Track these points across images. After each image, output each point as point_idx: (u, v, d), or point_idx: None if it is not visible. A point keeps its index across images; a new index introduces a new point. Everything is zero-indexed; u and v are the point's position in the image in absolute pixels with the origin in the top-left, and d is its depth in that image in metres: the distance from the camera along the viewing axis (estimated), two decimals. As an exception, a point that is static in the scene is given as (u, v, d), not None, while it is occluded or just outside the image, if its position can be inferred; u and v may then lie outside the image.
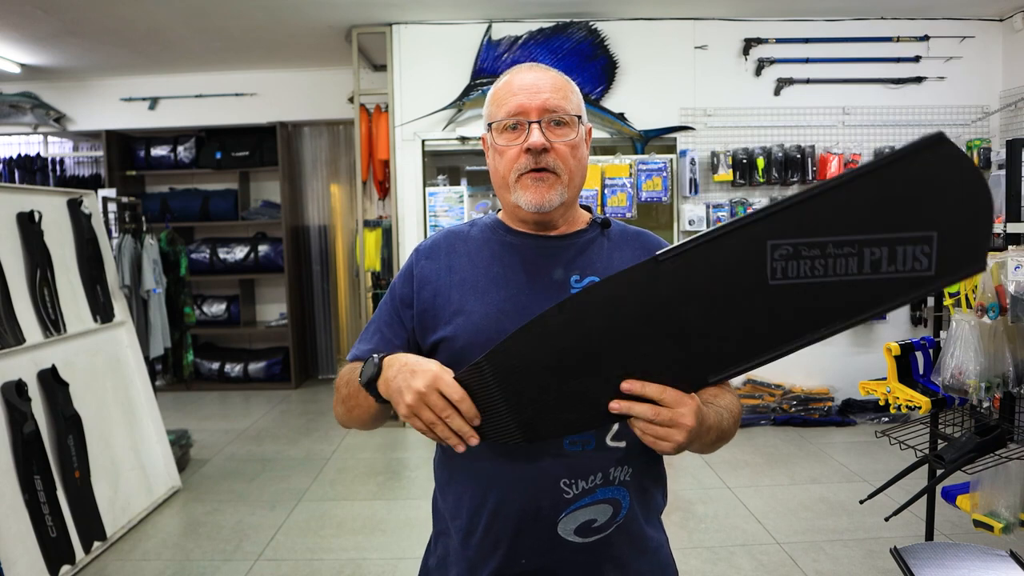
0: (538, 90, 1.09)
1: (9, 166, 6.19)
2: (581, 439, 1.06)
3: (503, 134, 1.10)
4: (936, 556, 1.47)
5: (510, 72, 1.15)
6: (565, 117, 1.09)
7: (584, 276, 1.12)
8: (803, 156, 4.72)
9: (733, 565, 2.89)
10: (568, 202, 1.13)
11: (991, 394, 2.54)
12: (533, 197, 1.09)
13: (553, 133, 1.08)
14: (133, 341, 3.76)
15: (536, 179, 1.08)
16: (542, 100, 1.08)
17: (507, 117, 1.09)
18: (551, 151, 1.08)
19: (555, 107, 1.08)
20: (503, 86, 1.13)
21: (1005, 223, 2.75)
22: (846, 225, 0.76)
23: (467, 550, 1.12)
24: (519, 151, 1.08)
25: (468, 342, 1.09)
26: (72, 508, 2.93)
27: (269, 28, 4.90)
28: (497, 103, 1.12)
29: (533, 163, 1.08)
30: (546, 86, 1.09)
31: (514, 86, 1.11)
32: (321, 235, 6.54)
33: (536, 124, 1.07)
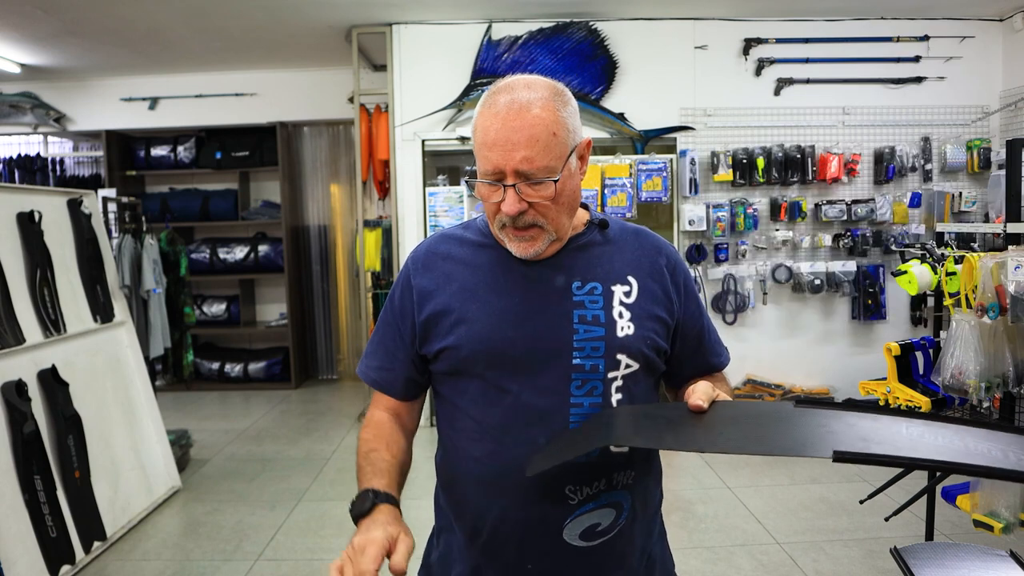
0: (513, 146, 1.00)
1: (9, 166, 6.20)
2: None
3: (483, 185, 1.06)
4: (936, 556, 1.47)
5: (492, 98, 1.05)
6: (541, 177, 1.02)
7: (586, 282, 1.11)
8: (803, 156, 4.72)
9: (733, 565, 2.89)
10: (559, 237, 1.11)
11: (991, 394, 2.54)
12: (518, 249, 1.08)
13: (532, 191, 1.03)
14: (133, 341, 3.76)
15: (519, 237, 1.07)
16: (517, 161, 1.00)
17: (484, 175, 1.04)
18: (530, 210, 1.04)
19: (531, 168, 1.01)
20: (482, 128, 1.04)
21: (1005, 223, 2.75)
22: None
23: (472, 551, 1.12)
24: (498, 206, 1.05)
25: (471, 351, 1.09)
26: (72, 508, 2.93)
27: (269, 28, 4.90)
28: (477, 148, 1.05)
29: (511, 223, 1.06)
30: (522, 140, 1.00)
31: (490, 136, 1.02)
32: (321, 235, 6.54)
33: (512, 187, 1.02)
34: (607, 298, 1.10)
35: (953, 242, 3.15)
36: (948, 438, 0.85)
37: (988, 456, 0.81)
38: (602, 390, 1.07)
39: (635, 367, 1.09)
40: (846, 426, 0.88)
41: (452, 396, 1.14)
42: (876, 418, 0.91)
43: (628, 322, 1.09)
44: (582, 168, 1.10)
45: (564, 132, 1.03)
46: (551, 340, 1.07)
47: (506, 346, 1.07)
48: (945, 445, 0.83)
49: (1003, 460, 0.80)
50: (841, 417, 0.91)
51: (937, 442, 0.84)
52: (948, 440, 0.84)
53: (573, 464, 1.05)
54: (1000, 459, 0.80)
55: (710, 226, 4.72)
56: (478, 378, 1.09)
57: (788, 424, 0.91)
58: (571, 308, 1.09)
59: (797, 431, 0.89)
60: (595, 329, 1.08)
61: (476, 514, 1.11)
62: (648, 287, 1.14)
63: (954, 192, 4.74)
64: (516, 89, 1.03)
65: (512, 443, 1.07)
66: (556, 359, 1.07)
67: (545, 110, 1.01)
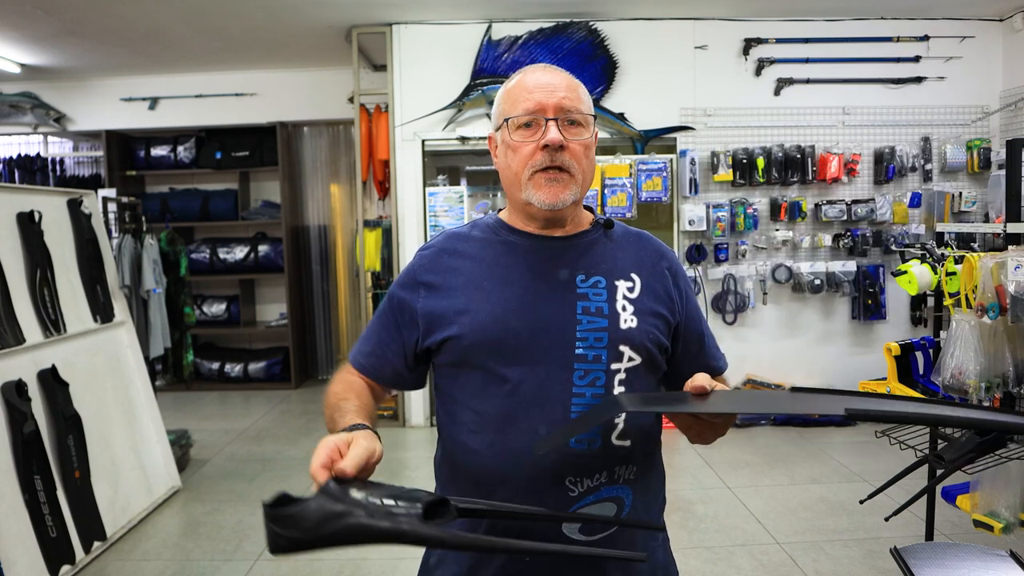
0: (554, 88, 1.10)
1: (9, 166, 6.20)
2: (588, 437, 1.06)
3: (518, 131, 1.11)
4: (936, 556, 1.47)
5: (522, 72, 1.15)
6: (579, 117, 1.10)
7: (589, 276, 1.12)
8: (803, 156, 4.72)
9: (733, 565, 2.89)
10: (578, 201, 1.14)
11: (991, 394, 2.54)
12: (546, 196, 1.10)
13: (568, 132, 1.09)
14: (133, 341, 3.76)
15: (550, 179, 1.09)
16: (558, 99, 1.09)
17: (524, 114, 1.10)
18: (566, 149, 1.09)
19: (571, 106, 1.09)
20: (516, 85, 1.13)
21: (1005, 223, 2.75)
22: None
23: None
24: (535, 148, 1.09)
25: (474, 341, 1.09)
26: (72, 508, 2.93)
27: (269, 28, 4.90)
28: (512, 101, 1.12)
29: (549, 160, 1.08)
30: (561, 86, 1.10)
31: (529, 85, 1.11)
32: (321, 235, 6.54)
33: (553, 121, 1.08)
34: (611, 292, 1.12)
35: (953, 242, 3.15)
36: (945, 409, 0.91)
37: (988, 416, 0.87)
38: (604, 381, 1.08)
39: (638, 360, 1.10)
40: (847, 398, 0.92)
41: (453, 390, 1.14)
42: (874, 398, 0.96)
43: (631, 315, 1.11)
44: (594, 151, 1.18)
45: (590, 102, 1.15)
46: (554, 330, 1.08)
47: (509, 335, 1.08)
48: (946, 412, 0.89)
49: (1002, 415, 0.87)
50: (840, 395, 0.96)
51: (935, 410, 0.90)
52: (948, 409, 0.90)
53: (574, 456, 1.05)
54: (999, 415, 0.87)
55: (710, 226, 4.72)
56: (480, 368, 1.09)
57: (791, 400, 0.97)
58: (575, 299, 1.10)
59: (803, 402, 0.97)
60: (598, 320, 1.09)
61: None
62: (651, 285, 1.15)
63: (954, 192, 4.74)
64: (543, 66, 1.16)
65: (513, 433, 1.07)
66: (559, 349, 1.08)
67: (573, 78, 1.15)
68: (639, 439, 1.10)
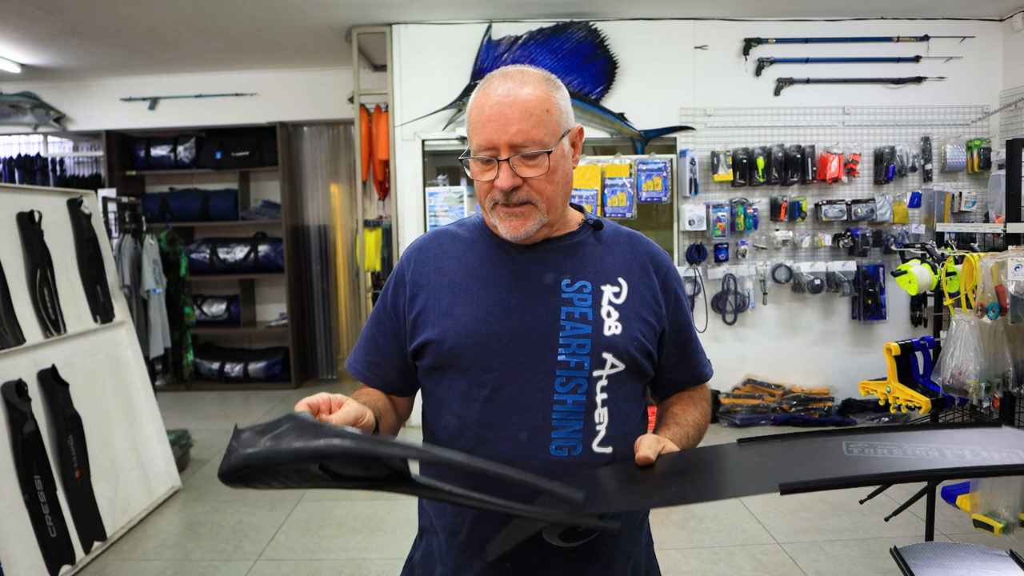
0: (507, 121, 1.02)
1: (9, 166, 6.20)
2: (568, 444, 1.05)
3: (476, 163, 1.07)
4: (936, 556, 1.47)
5: (486, 84, 1.08)
6: (536, 151, 1.04)
7: (575, 280, 1.11)
8: (803, 156, 4.72)
9: (733, 565, 2.89)
10: (551, 221, 1.11)
11: (991, 394, 2.54)
12: (508, 229, 1.08)
13: (525, 166, 1.04)
14: (133, 341, 3.76)
15: (510, 214, 1.07)
16: (511, 135, 1.02)
17: (478, 150, 1.05)
18: (523, 186, 1.05)
19: (525, 141, 1.03)
20: (475, 107, 1.07)
21: (1005, 223, 2.75)
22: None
23: (452, 550, 1.12)
24: (491, 184, 1.06)
25: (455, 344, 1.08)
26: (72, 508, 2.93)
27: (269, 28, 4.90)
28: (471, 127, 1.07)
29: (504, 200, 1.06)
30: (516, 115, 1.02)
31: (484, 113, 1.04)
32: (321, 235, 6.54)
33: (506, 162, 1.03)
34: (596, 297, 1.10)
35: (953, 242, 3.15)
36: (889, 448, 0.86)
37: (928, 460, 0.81)
38: (587, 388, 1.07)
39: (620, 367, 1.09)
40: (791, 456, 0.89)
41: (437, 392, 1.14)
42: (819, 441, 0.92)
43: (616, 322, 1.09)
44: (575, 155, 1.12)
45: (557, 111, 1.06)
46: (537, 335, 1.07)
47: (491, 340, 1.07)
48: (885, 457, 0.84)
49: (941, 460, 0.81)
50: (785, 446, 0.92)
51: (877, 454, 0.85)
52: (888, 450, 0.85)
53: (555, 463, 1.04)
54: (938, 459, 0.81)
55: (710, 226, 4.72)
56: (462, 372, 1.09)
57: (734, 465, 0.91)
58: (559, 304, 1.09)
59: (744, 470, 0.90)
60: (582, 326, 1.08)
61: (455, 512, 1.11)
62: (638, 290, 1.14)
63: (954, 192, 4.74)
64: (510, 75, 1.07)
65: (494, 439, 1.06)
66: (541, 355, 1.07)
67: (538, 90, 1.05)
68: (621, 445, 1.08)
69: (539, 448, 1.05)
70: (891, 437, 0.88)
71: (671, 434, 1.09)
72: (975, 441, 0.85)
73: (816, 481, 0.80)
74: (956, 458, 0.80)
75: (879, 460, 0.83)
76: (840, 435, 0.91)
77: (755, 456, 0.92)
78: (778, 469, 0.87)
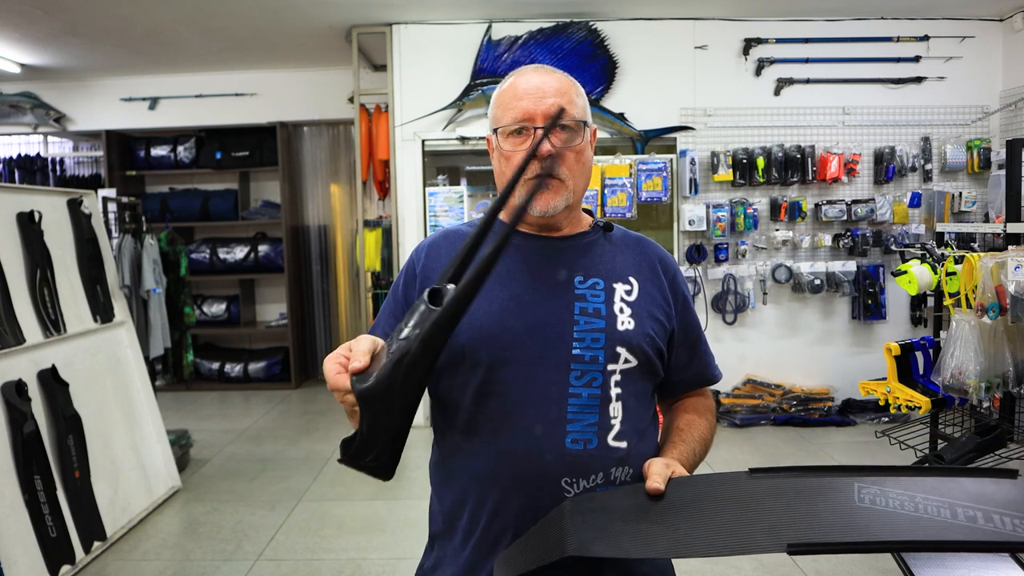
0: (543, 95, 1.08)
1: (9, 166, 6.20)
2: (583, 438, 1.06)
3: (508, 139, 1.10)
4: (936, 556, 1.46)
5: (515, 74, 1.14)
6: (570, 123, 1.08)
7: (588, 277, 1.12)
8: (803, 156, 4.72)
9: (733, 565, 2.89)
10: (572, 205, 1.13)
11: (991, 394, 2.54)
12: (537, 203, 1.09)
13: (559, 139, 1.08)
14: (133, 341, 3.76)
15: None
16: (547, 105, 1.07)
17: (513, 122, 1.08)
18: (557, 158, 1.08)
19: (560, 113, 1.07)
20: (508, 89, 1.12)
21: (1005, 223, 2.75)
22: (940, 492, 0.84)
23: (466, 550, 1.12)
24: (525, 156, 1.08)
25: (470, 339, 1.09)
26: (72, 508, 2.93)
27: (269, 28, 4.91)
28: (502, 107, 1.11)
29: (540, 169, 1.07)
30: (551, 90, 1.08)
31: (519, 90, 1.09)
32: (321, 235, 6.54)
33: (542, 130, 1.06)
34: (608, 294, 1.12)
35: (953, 242, 3.15)
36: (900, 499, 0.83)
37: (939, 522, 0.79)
38: (601, 382, 1.07)
39: (633, 363, 1.10)
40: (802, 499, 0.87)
41: (449, 389, 1.13)
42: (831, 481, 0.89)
43: (628, 318, 1.11)
44: (591, 151, 1.16)
45: (583, 101, 1.12)
46: (551, 330, 1.08)
47: (505, 334, 1.08)
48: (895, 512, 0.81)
49: (951, 524, 0.78)
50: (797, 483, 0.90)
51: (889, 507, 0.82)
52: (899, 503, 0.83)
53: (570, 456, 1.05)
54: (949, 520, 0.78)
55: (710, 226, 4.72)
56: (476, 367, 1.09)
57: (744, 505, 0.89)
58: (572, 300, 1.10)
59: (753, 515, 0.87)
60: (596, 321, 1.09)
61: (470, 510, 1.11)
62: (648, 290, 1.15)
63: (954, 192, 4.74)
64: (535, 68, 1.14)
65: (508, 434, 1.06)
66: (555, 349, 1.07)
67: (567, 78, 1.13)
68: (635, 440, 1.09)
69: (555, 441, 1.05)
70: (904, 483, 0.86)
71: (679, 453, 1.09)
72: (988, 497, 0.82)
73: (824, 544, 0.79)
74: (967, 521, 0.78)
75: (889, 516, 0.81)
76: (853, 474, 0.89)
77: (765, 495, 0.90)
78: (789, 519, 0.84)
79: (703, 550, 0.86)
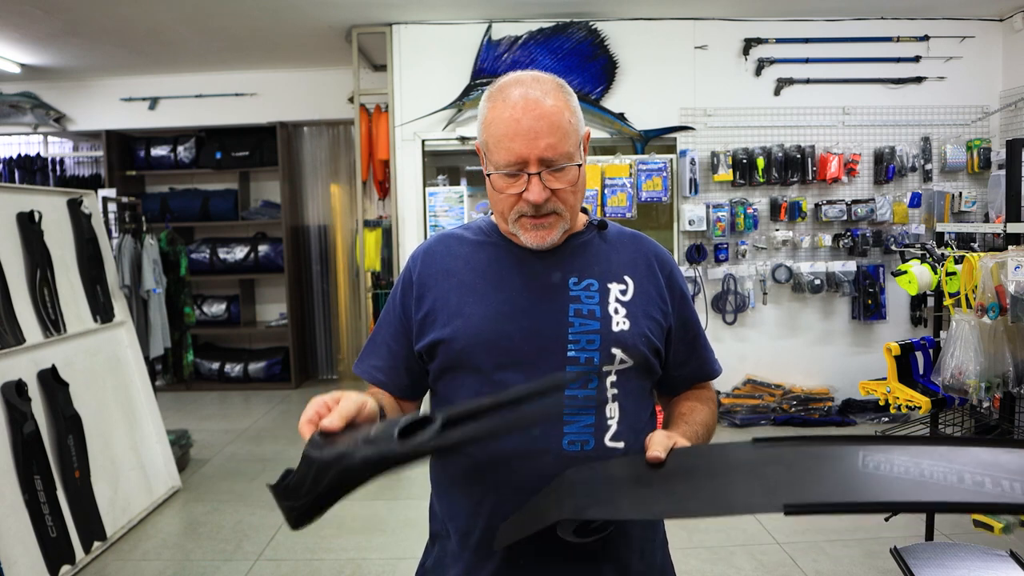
0: (536, 135, 1.02)
1: (9, 166, 6.20)
2: (580, 439, 1.06)
3: (500, 177, 1.07)
4: (936, 556, 1.47)
5: (503, 93, 1.06)
6: (564, 164, 1.05)
7: (582, 278, 1.12)
8: (803, 156, 4.72)
9: (733, 565, 2.89)
10: (572, 226, 1.13)
11: (991, 394, 2.54)
12: (533, 239, 1.09)
13: (553, 178, 1.05)
14: (133, 341, 3.76)
15: (537, 225, 1.08)
16: (541, 149, 1.02)
17: (506, 166, 1.05)
18: (551, 198, 1.06)
19: (555, 156, 1.03)
20: (499, 121, 1.05)
21: (1005, 223, 2.75)
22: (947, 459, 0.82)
23: (465, 551, 1.12)
24: (518, 197, 1.06)
25: (467, 344, 1.09)
26: (72, 508, 2.93)
27: (269, 28, 4.91)
28: (494, 141, 1.05)
29: (533, 212, 1.06)
30: (544, 128, 1.02)
31: (510, 129, 1.03)
32: (321, 235, 6.54)
33: (536, 176, 1.04)
34: (603, 295, 1.11)
35: (953, 242, 3.15)
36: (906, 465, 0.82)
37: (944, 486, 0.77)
38: (597, 383, 1.08)
39: (629, 363, 1.10)
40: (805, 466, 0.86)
41: (447, 392, 1.14)
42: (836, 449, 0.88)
43: (624, 318, 1.10)
44: (585, 161, 1.14)
45: (575, 120, 1.08)
46: (546, 333, 1.08)
47: (501, 339, 1.08)
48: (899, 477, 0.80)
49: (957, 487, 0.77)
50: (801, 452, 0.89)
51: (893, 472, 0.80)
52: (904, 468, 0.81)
53: (568, 458, 1.05)
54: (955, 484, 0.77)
55: (710, 226, 4.72)
56: (473, 372, 1.09)
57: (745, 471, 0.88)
58: (567, 302, 1.10)
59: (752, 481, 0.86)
60: (590, 323, 1.09)
61: (469, 512, 1.11)
62: (644, 288, 1.15)
63: (954, 192, 4.74)
64: (526, 83, 1.06)
65: (505, 437, 1.06)
66: (551, 352, 1.07)
67: (558, 100, 1.05)
68: (633, 440, 1.09)
69: (552, 443, 1.05)
70: (911, 451, 0.84)
71: (681, 431, 1.09)
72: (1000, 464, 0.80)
73: (821, 504, 0.78)
74: (974, 486, 0.76)
75: (892, 481, 0.79)
76: (859, 443, 0.87)
77: (767, 462, 0.88)
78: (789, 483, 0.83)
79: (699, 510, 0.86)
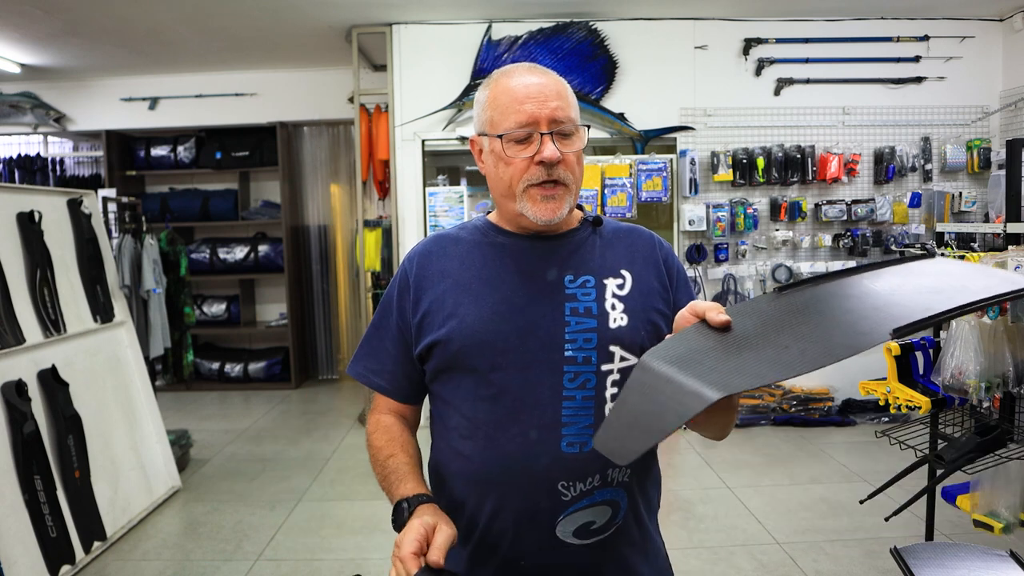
0: (546, 98, 1.06)
1: (9, 166, 6.20)
2: (579, 441, 1.05)
3: (510, 144, 1.07)
4: (936, 556, 1.46)
5: (506, 74, 1.11)
6: (572, 127, 1.07)
7: (578, 276, 1.11)
8: (803, 156, 4.72)
9: (733, 565, 2.89)
10: (573, 206, 1.13)
11: (991, 394, 2.54)
12: (542, 212, 1.08)
13: (562, 143, 1.06)
14: (133, 341, 3.76)
15: (546, 196, 1.07)
16: (551, 110, 1.06)
17: (517, 127, 1.06)
18: (562, 162, 1.07)
19: (564, 117, 1.06)
20: (506, 92, 1.08)
21: (1005, 223, 2.75)
22: None
23: (466, 551, 1.12)
24: (529, 162, 1.06)
25: (463, 345, 1.08)
26: (72, 508, 2.93)
27: (269, 28, 4.90)
28: (501, 111, 1.08)
29: (546, 175, 1.06)
30: (551, 93, 1.07)
31: (519, 93, 1.07)
32: (321, 235, 6.54)
33: (548, 135, 1.05)
34: (600, 291, 1.10)
35: (953, 242, 3.15)
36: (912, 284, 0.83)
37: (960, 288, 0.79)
38: (595, 383, 1.06)
39: (631, 360, 1.08)
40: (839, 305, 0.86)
41: (444, 394, 1.13)
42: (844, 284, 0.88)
43: (621, 314, 1.09)
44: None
45: (576, 103, 1.13)
46: (543, 332, 1.07)
47: (497, 339, 1.07)
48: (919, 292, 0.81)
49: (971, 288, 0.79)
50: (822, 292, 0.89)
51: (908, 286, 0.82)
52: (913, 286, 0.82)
53: (566, 459, 1.04)
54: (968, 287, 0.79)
55: (710, 226, 4.72)
56: (470, 373, 1.09)
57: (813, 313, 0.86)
58: (563, 300, 1.09)
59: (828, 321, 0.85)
60: (587, 321, 1.08)
61: (468, 513, 1.11)
62: (643, 279, 1.14)
63: (954, 192, 4.74)
64: (525, 66, 1.13)
65: (504, 438, 1.06)
66: (548, 352, 1.07)
67: (560, 78, 1.13)
68: None
69: (550, 445, 1.05)
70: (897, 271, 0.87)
71: None
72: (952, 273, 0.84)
73: (921, 321, 0.78)
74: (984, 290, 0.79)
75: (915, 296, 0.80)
76: (856, 273, 0.89)
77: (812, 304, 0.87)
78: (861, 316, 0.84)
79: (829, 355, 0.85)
